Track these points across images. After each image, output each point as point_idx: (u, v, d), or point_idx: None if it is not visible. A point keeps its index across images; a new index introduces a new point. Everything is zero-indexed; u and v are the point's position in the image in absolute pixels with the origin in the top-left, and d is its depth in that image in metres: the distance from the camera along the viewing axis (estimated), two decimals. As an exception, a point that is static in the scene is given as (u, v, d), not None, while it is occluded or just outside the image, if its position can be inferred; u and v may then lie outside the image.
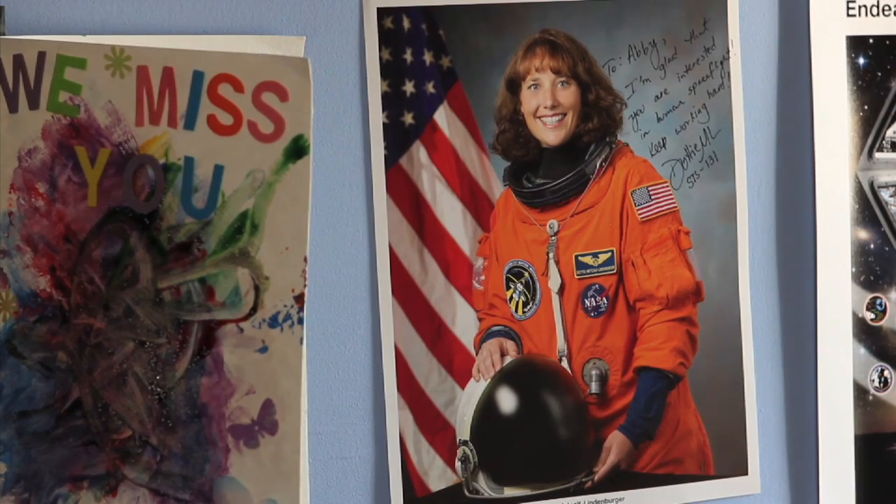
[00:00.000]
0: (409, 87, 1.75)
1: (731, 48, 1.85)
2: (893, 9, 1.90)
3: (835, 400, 1.90)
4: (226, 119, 1.57)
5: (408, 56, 1.74)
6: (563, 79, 1.78)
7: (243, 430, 1.59)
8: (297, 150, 1.58)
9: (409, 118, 1.75)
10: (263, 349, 1.58)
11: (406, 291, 1.76)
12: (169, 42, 1.61)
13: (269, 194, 1.58)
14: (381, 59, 1.73)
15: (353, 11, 1.72)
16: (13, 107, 1.56)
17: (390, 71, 1.73)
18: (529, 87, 1.78)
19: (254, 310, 1.58)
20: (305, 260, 1.59)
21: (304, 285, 1.59)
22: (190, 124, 1.57)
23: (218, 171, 1.57)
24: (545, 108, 1.79)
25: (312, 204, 1.62)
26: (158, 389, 1.57)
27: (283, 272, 1.59)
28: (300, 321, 1.59)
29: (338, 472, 1.76)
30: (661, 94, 1.83)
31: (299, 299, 1.58)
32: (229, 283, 1.58)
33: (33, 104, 1.56)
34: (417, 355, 1.76)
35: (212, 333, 1.58)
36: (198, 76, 1.56)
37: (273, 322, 1.59)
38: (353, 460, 1.76)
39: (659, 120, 1.83)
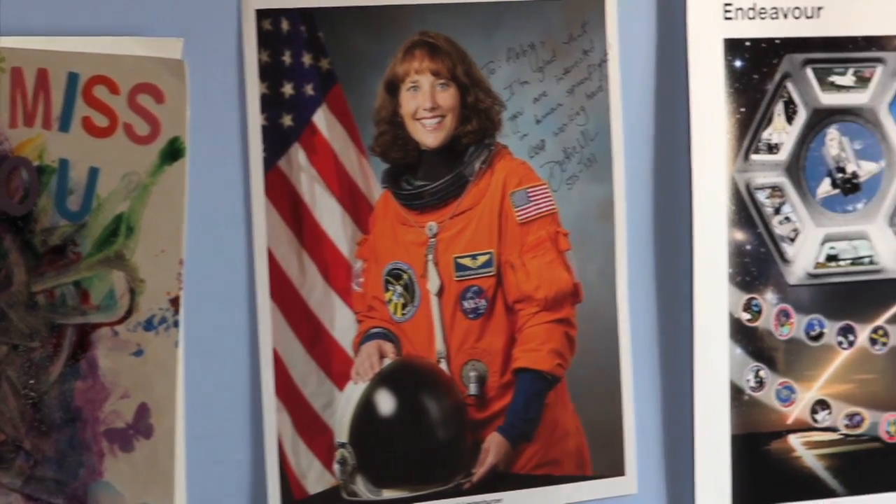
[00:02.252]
0: (287, 89, 1.77)
1: (609, 51, 1.86)
2: (770, 12, 1.94)
3: (711, 400, 1.93)
4: (101, 121, 1.61)
5: (287, 58, 1.76)
6: (442, 81, 1.81)
7: (118, 434, 1.63)
8: (173, 152, 1.62)
9: (287, 120, 1.77)
10: (139, 353, 1.62)
11: (284, 294, 1.77)
12: (44, 43, 1.62)
13: (145, 197, 1.62)
14: (259, 60, 1.74)
15: (231, 13, 1.74)
16: None
17: (269, 73, 1.75)
18: (408, 90, 1.80)
19: (129, 313, 1.62)
20: (181, 263, 1.63)
21: (180, 288, 1.63)
22: (65, 126, 1.60)
23: (93, 173, 1.61)
24: (424, 110, 1.81)
25: (189, 206, 1.65)
26: (32, 394, 1.60)
27: (158, 275, 1.63)
28: (175, 324, 1.63)
29: (215, 475, 1.77)
30: (540, 96, 1.85)
31: (175, 302, 1.63)
32: (104, 286, 1.62)
33: None
34: (296, 358, 1.77)
35: (86, 337, 1.61)
36: (73, 78, 1.59)
37: (148, 325, 1.62)
38: (230, 464, 1.77)
39: (538, 122, 1.85)
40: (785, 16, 1.97)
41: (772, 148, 1.98)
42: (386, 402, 1.83)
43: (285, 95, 1.78)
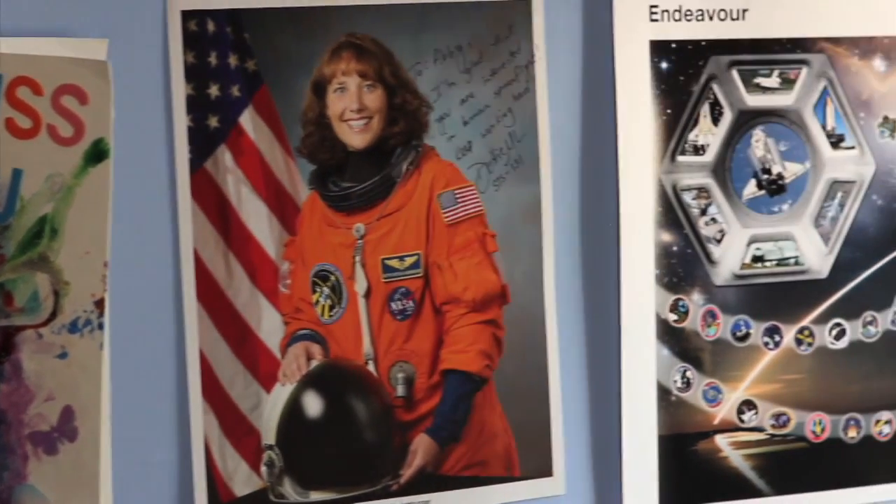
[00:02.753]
0: (213, 91, 1.77)
1: (535, 53, 1.88)
2: (695, 14, 1.96)
3: (638, 401, 1.95)
4: (24, 122, 1.61)
5: (213, 59, 1.77)
6: (369, 82, 1.83)
7: (42, 437, 1.64)
8: (98, 153, 1.64)
9: (214, 122, 1.78)
10: (63, 355, 1.63)
11: (211, 296, 1.77)
12: (-34, 44, 1.62)
13: (69, 198, 1.63)
14: (185, 62, 1.75)
15: (156, 14, 1.74)
16: None
17: (194, 74, 1.75)
18: (335, 91, 1.81)
19: (53, 315, 1.63)
20: (106, 265, 1.65)
21: (105, 290, 1.65)
22: (-13, 128, 1.59)
23: (16, 175, 1.61)
24: (351, 111, 1.82)
25: (114, 208, 1.67)
26: (-45, 397, 1.59)
27: (83, 277, 1.64)
28: (100, 326, 1.65)
29: (141, 478, 1.77)
30: (467, 97, 1.86)
31: (99, 304, 1.65)
32: (28, 288, 1.62)
33: None
34: (222, 360, 1.78)
35: (10, 339, 1.62)
36: None
37: (73, 327, 1.64)
38: (156, 466, 1.78)
39: (465, 123, 1.87)
40: (710, 18, 2.00)
41: (698, 149, 2.00)
42: (313, 404, 1.85)
43: (211, 97, 1.79)
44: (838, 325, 2.09)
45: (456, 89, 1.89)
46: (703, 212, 2.02)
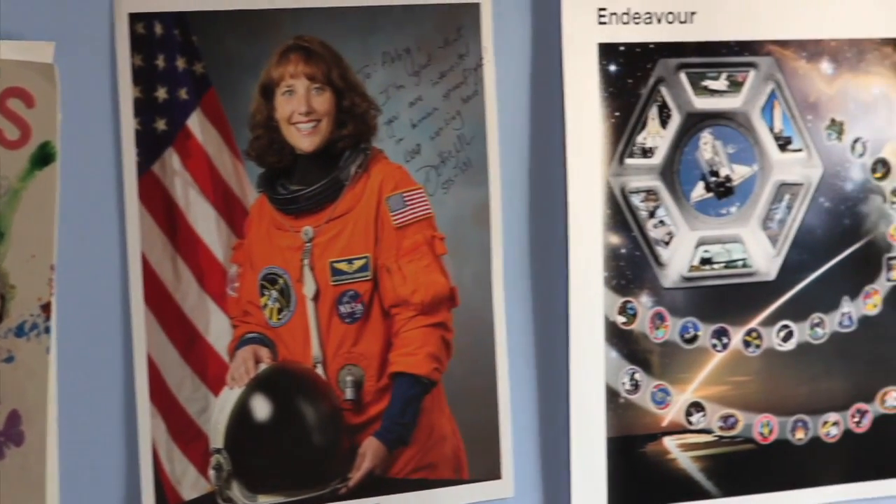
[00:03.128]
0: (161, 94, 1.78)
1: (484, 55, 1.90)
2: (644, 17, 1.97)
3: (587, 403, 1.97)
4: None
5: (160, 62, 1.78)
6: (317, 85, 1.84)
7: None
8: (44, 156, 1.65)
9: (161, 124, 1.79)
10: (9, 359, 1.65)
11: (159, 299, 1.79)
12: (-89, 47, 1.61)
13: (15, 202, 1.64)
14: (132, 64, 1.76)
15: (103, 17, 1.75)
16: None
17: (142, 77, 1.76)
18: (283, 94, 1.83)
19: None
20: (52, 268, 1.66)
21: (51, 294, 1.66)
22: (-68, 131, 1.59)
23: None
24: (299, 114, 1.83)
25: (61, 211, 1.68)
26: None
27: (29, 281, 1.65)
28: (47, 330, 1.66)
29: (89, 482, 1.78)
30: (416, 100, 1.88)
31: (46, 308, 1.66)
32: None
33: None
34: (170, 363, 1.79)
35: None
36: None
37: (19, 331, 1.65)
38: (104, 470, 1.79)
39: (413, 126, 1.88)
40: (659, 21, 2.02)
41: (646, 152, 2.02)
42: (261, 408, 1.86)
43: (159, 99, 1.81)
44: (786, 326, 2.11)
45: (404, 92, 1.90)
46: (652, 214, 2.03)
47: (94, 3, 1.76)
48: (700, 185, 2.06)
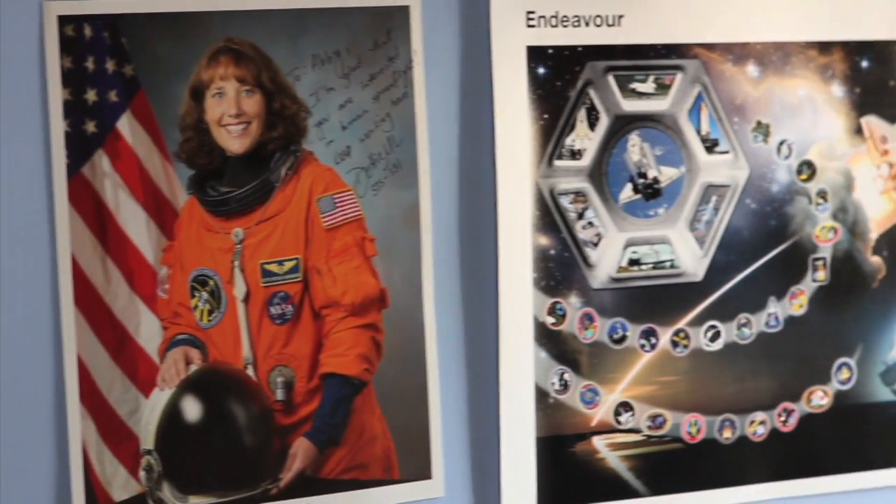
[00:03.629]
0: (91, 96, 1.80)
1: (414, 58, 1.93)
2: (572, 20, 2.00)
3: (516, 403, 2.00)
4: None
5: (90, 64, 1.79)
6: (247, 87, 1.86)
7: None
8: None
9: (91, 126, 1.80)
10: None
11: (89, 301, 1.80)
12: None
13: None
14: (62, 67, 1.77)
15: (32, 19, 1.77)
16: None
17: (72, 79, 1.78)
18: (213, 96, 1.85)
19: None
20: None
21: None
22: None
23: None
24: (229, 116, 1.85)
25: None
26: None
27: None
28: None
29: (19, 483, 1.80)
30: (346, 102, 1.90)
31: None
32: None
33: None
34: (100, 365, 1.81)
35: None
36: None
37: None
38: (34, 471, 1.80)
39: (343, 128, 1.90)
40: (587, 24, 2.04)
41: (575, 154, 2.05)
42: (192, 409, 1.88)
43: (88, 102, 1.82)
44: (713, 327, 2.15)
45: (334, 94, 1.91)
46: (580, 216, 2.07)
47: (22, 6, 1.78)
48: (628, 187, 2.08)
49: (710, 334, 2.14)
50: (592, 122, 2.05)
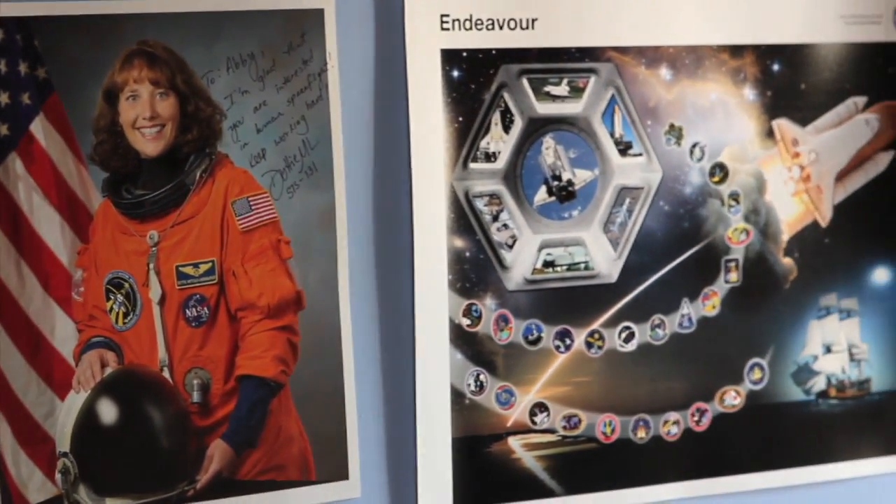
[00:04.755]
0: (3, 98, 1.81)
1: (328, 60, 1.95)
2: (486, 23, 2.02)
3: (432, 404, 2.04)
4: None
5: (2, 66, 1.81)
6: (161, 90, 1.88)
7: None
8: None
9: (4, 129, 1.82)
10: None
11: (3, 304, 1.82)
12: None
13: None
14: None
15: None
16: None
17: None
18: (128, 99, 1.86)
19: None
20: None
21: None
22: None
23: None
24: (144, 119, 1.87)
25: None
26: None
27: None
28: None
29: None
30: (260, 105, 1.92)
31: None
32: None
33: None
34: (15, 368, 1.83)
35: None
36: None
37: None
38: None
39: (258, 131, 1.93)
40: (501, 27, 2.08)
41: (489, 156, 2.07)
42: (108, 411, 1.91)
43: (1, 104, 1.84)
44: (627, 328, 2.20)
45: (249, 97, 1.93)
46: (495, 218, 2.10)
47: None
48: (542, 190, 2.11)
49: (624, 335, 2.18)
50: (507, 125, 2.07)
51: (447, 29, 2.02)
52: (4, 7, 1.82)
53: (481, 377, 2.09)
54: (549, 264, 2.13)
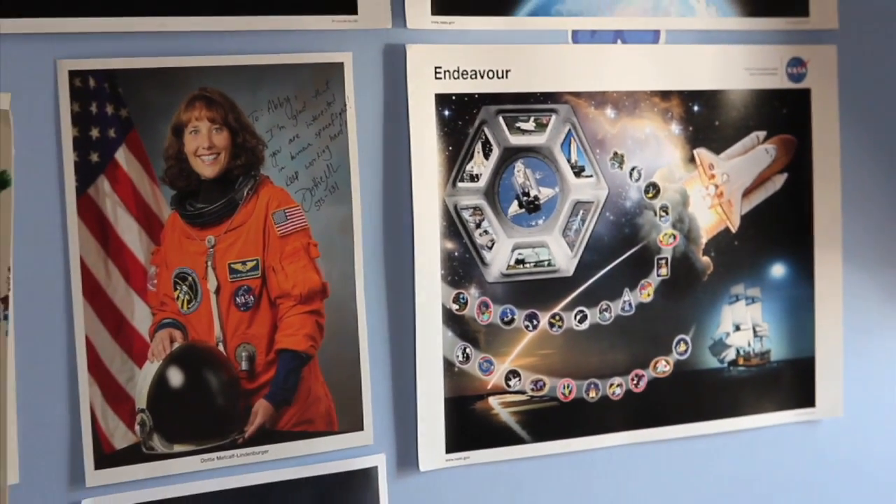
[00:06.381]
0: (94, 133, 1.81)
1: (347, 103, 1.94)
2: (470, 73, 2.01)
3: (429, 371, 2.02)
4: None
5: (93, 108, 1.81)
6: (217, 126, 1.86)
7: None
8: (2, 182, 1.70)
9: (95, 157, 1.81)
10: None
11: (94, 293, 1.82)
12: None
13: None
14: (72, 110, 1.79)
15: (48, 73, 1.78)
16: None
17: (80, 120, 1.79)
18: (191, 133, 1.85)
19: None
20: (9, 269, 1.71)
21: (9, 289, 1.72)
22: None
23: None
24: (203, 148, 1.86)
25: (16, 225, 1.74)
26: None
27: None
28: (6, 317, 1.72)
29: (41, 436, 1.81)
30: (294, 137, 1.91)
31: (5, 301, 1.72)
32: None
33: None
34: (104, 343, 1.83)
35: None
36: None
37: None
38: (53, 426, 1.81)
39: (292, 158, 1.92)
40: (482, 76, 2.07)
41: (473, 177, 2.05)
42: (175, 377, 1.89)
43: (93, 137, 1.84)
44: (581, 311, 2.16)
45: (285, 131, 1.92)
46: (478, 225, 2.07)
47: (41, 63, 1.80)
48: (515, 203, 2.09)
49: (578, 317, 2.16)
50: (487, 153, 2.06)
51: (440, 78, 2.01)
52: (96, 62, 1.83)
53: (467, 350, 2.08)
54: (520, 262, 2.11)
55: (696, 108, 2.24)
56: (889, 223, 2.39)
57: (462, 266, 2.06)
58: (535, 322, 2.14)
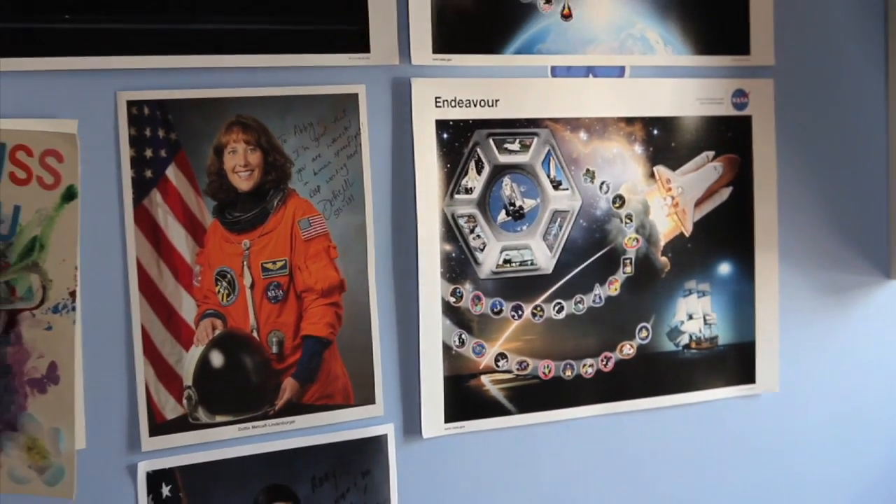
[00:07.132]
0: (148, 153, 1.82)
1: (361, 127, 1.94)
2: (465, 102, 2.00)
3: (431, 354, 2.02)
4: (21, 174, 1.69)
5: (147, 132, 1.81)
6: (251, 147, 1.86)
7: (36, 382, 1.72)
8: (70, 195, 1.72)
9: (149, 173, 1.82)
10: (49, 328, 1.72)
11: (148, 288, 1.83)
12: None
13: (52, 224, 1.71)
14: (129, 134, 1.80)
15: (110, 103, 1.79)
16: None
17: (136, 142, 1.80)
18: (229, 153, 1.86)
19: (42, 302, 1.71)
20: (77, 268, 1.73)
21: (76, 285, 1.73)
22: (-2, 178, 1.61)
23: (16, 209, 1.70)
24: (240, 166, 1.86)
25: (82, 230, 1.75)
26: (-21, 357, 1.60)
27: (61, 276, 1.72)
28: (73, 308, 1.73)
29: (104, 408, 1.82)
30: (317, 157, 1.92)
31: (73, 294, 1.73)
32: (25, 284, 1.71)
33: None
34: (156, 330, 1.84)
35: (13, 318, 1.71)
36: (2, 146, 1.69)
37: (55, 309, 1.73)
38: (115, 400, 1.83)
39: (315, 174, 1.91)
40: (475, 105, 2.06)
41: (468, 190, 2.05)
42: (217, 359, 1.90)
43: (147, 157, 1.85)
44: (559, 303, 2.18)
45: (309, 151, 1.92)
46: (472, 231, 2.09)
47: (103, 94, 1.81)
48: (503, 212, 2.09)
49: (556, 308, 2.14)
50: (479, 170, 2.05)
51: (440, 106, 2.00)
52: (149, 93, 1.83)
53: (463, 336, 2.07)
54: (507, 261, 2.11)
55: (655, 131, 2.24)
56: (817, 229, 2.39)
57: (458, 265, 2.05)
58: (520, 312, 2.15)
